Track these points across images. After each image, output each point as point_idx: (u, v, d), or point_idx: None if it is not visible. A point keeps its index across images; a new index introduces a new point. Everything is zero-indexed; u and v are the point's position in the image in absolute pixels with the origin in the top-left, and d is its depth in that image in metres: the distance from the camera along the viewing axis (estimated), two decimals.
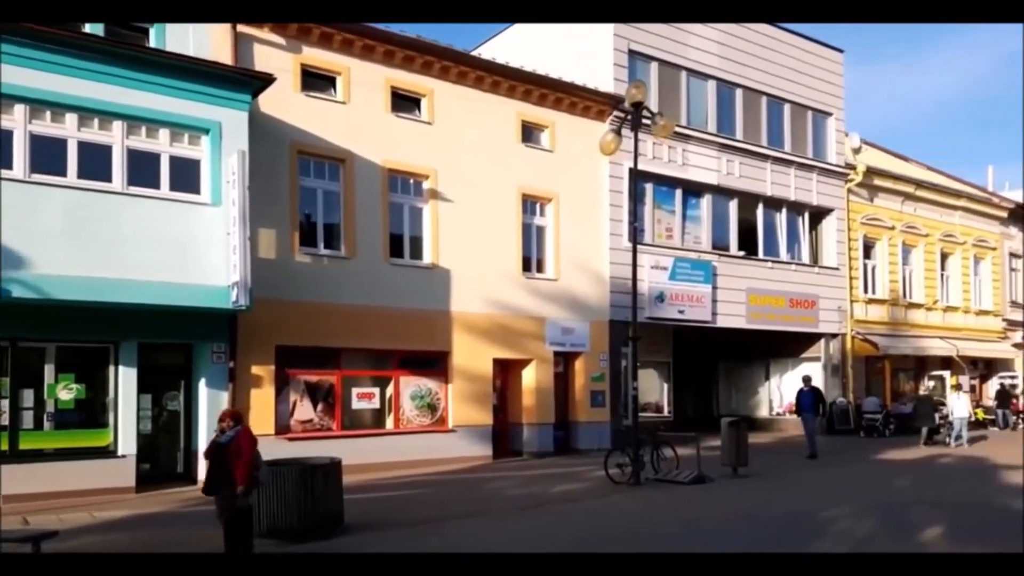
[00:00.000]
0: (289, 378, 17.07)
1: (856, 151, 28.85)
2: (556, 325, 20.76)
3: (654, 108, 22.62)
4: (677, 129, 23.17)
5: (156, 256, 14.33)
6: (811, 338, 27.66)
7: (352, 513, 11.53)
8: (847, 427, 27.04)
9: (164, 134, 14.89)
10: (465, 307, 19.12)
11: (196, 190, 15.17)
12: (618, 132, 17.01)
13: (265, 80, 15.65)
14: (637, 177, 22.31)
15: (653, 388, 26.29)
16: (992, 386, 33.44)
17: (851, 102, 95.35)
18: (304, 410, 17.28)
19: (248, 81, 15.60)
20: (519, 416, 20.65)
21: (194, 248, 14.86)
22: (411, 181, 18.76)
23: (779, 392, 29.11)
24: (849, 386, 28.11)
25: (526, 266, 20.45)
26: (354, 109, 17.79)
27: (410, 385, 18.64)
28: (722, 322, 24.61)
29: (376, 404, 18.24)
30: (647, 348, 25.23)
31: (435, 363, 18.98)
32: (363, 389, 18.08)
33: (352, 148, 17.72)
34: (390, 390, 18.39)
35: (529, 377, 20.47)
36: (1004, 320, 34.43)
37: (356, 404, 17.94)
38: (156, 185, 14.75)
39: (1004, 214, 34.15)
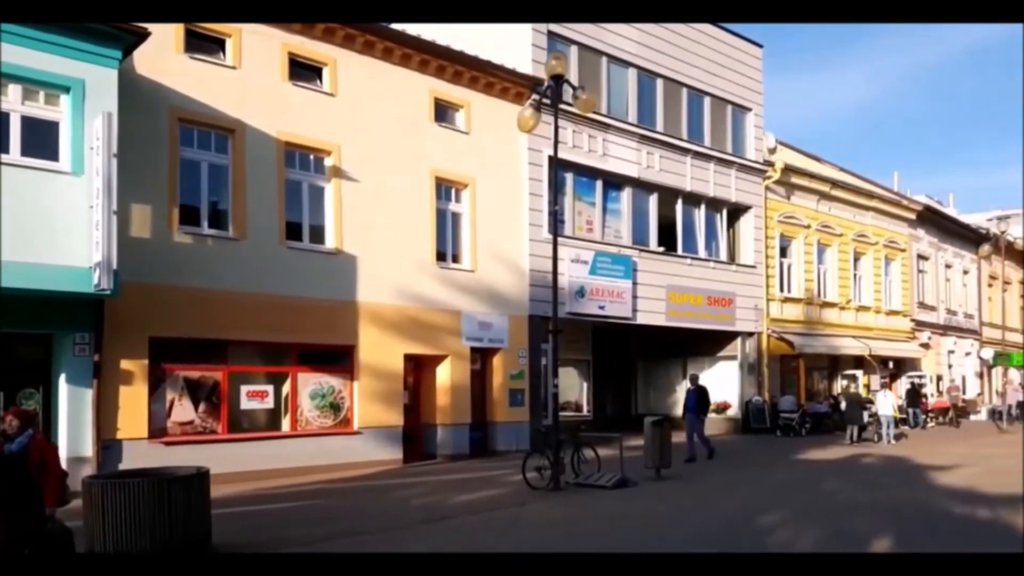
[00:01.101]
0: (166, 374, 14.43)
1: (772, 151, 27.72)
2: (473, 319, 18.62)
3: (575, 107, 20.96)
4: (597, 118, 21.47)
5: (6, 232, 11.69)
6: (728, 336, 26.26)
7: (226, 531, 9.33)
8: (763, 426, 25.76)
9: (15, 91, 12.31)
10: (373, 297, 16.80)
11: (54, 156, 12.59)
12: (537, 108, 15.06)
13: (138, 35, 13.12)
14: (557, 166, 20.52)
15: (573, 386, 24.42)
16: (902, 385, 32.78)
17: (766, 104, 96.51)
18: (183, 410, 14.63)
19: (117, 35, 12.99)
20: (433, 416, 18.35)
21: (52, 223, 12.27)
22: (311, 157, 16.36)
23: None
24: (765, 385, 26.83)
25: (441, 255, 18.23)
26: (245, 75, 15.34)
27: (310, 382, 16.17)
28: (642, 319, 22.90)
29: (270, 404, 15.69)
30: (567, 345, 23.40)
31: (339, 358, 16.56)
32: (254, 387, 15.50)
33: (243, 118, 15.25)
34: (286, 388, 15.89)
35: (444, 374, 18.22)
36: (912, 320, 33.89)
37: (246, 404, 15.35)
38: (4, 149, 12.14)
39: (913, 216, 33.58)
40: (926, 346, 34.38)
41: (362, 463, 16.23)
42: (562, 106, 20.28)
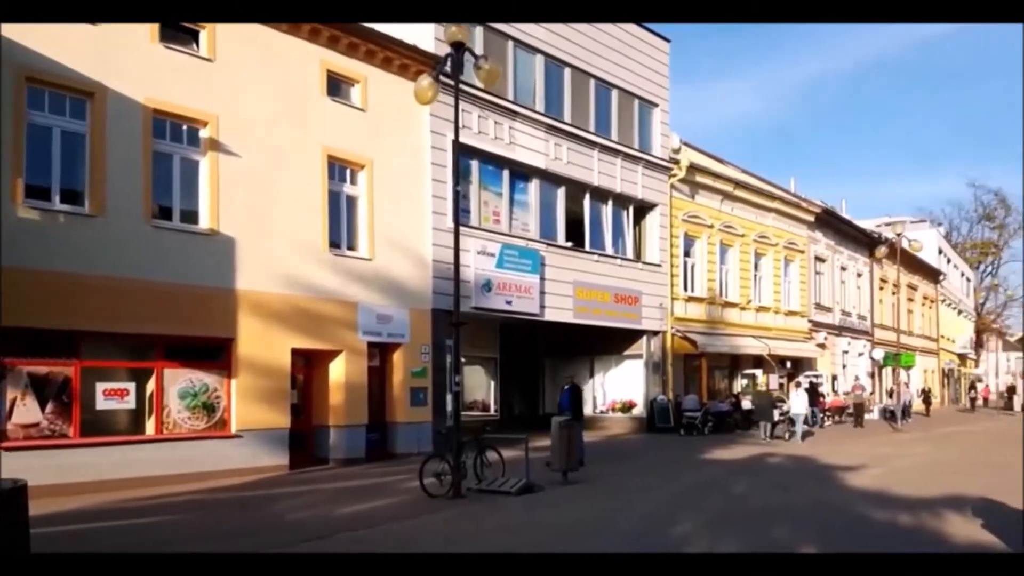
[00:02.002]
0: (6, 369, 11.95)
1: (676, 151, 26.93)
2: (371, 311, 16.77)
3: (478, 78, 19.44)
4: (504, 104, 20.01)
5: None
6: (634, 335, 25.18)
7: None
8: (667, 425, 24.83)
9: None
10: (255, 285, 14.74)
11: None
12: (437, 79, 13.40)
13: None
14: (461, 151, 18.94)
15: (479, 385, 22.85)
16: (800, 385, 32.47)
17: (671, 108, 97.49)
18: (28, 411, 12.19)
19: None
20: (325, 417, 16.36)
21: None
22: (184, 127, 14.20)
23: (603, 389, 26.44)
24: (669, 384, 25.91)
25: (334, 242, 16.30)
26: (107, 33, 13.05)
27: (179, 379, 13.96)
28: (550, 315, 21.53)
29: (131, 404, 13.41)
30: (473, 342, 21.84)
31: (214, 353, 14.45)
32: (113, 384, 13.19)
33: (104, 81, 13.00)
34: (151, 386, 13.66)
35: (338, 371, 16.28)
36: (810, 321, 33.76)
37: (103, 403, 13.02)
38: None
39: (811, 218, 33.42)
40: (822, 346, 34.33)
41: (241, 470, 14.14)
42: (467, 88, 18.91)
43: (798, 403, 22.95)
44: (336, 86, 16.56)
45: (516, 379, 26.44)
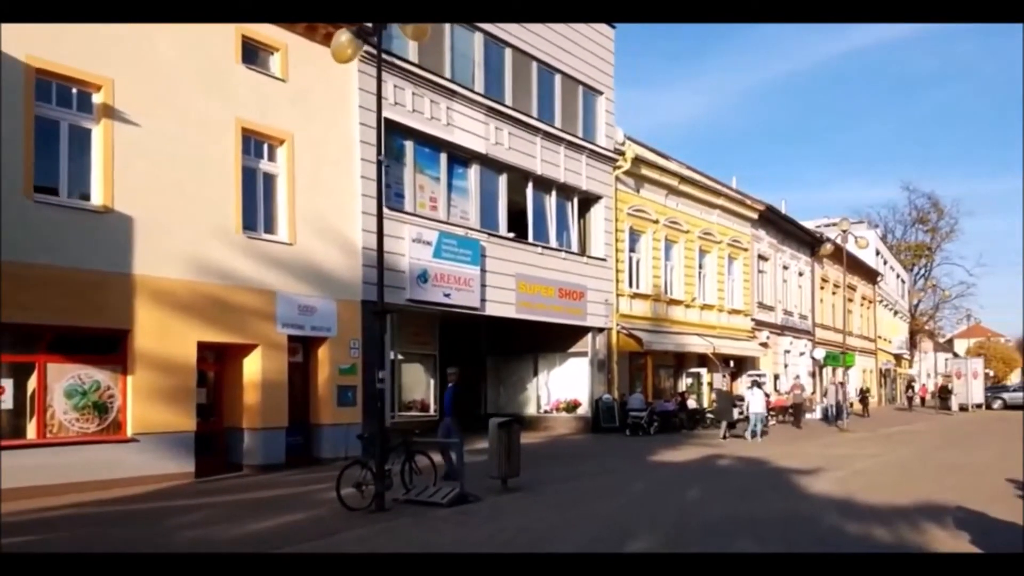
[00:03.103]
0: None
1: (621, 144, 25.78)
2: (291, 302, 15.05)
3: (412, 54, 17.91)
4: (441, 82, 18.48)
5: None
6: (579, 332, 23.89)
7: None
8: (613, 425, 23.63)
9: None
10: (156, 270, 12.92)
11: None
12: (358, 35, 11.79)
13: None
14: (395, 130, 17.44)
15: (418, 383, 21.20)
16: (743, 384, 31.72)
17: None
18: None
19: None
20: (239, 418, 14.57)
21: None
22: (74, 91, 12.32)
23: (547, 388, 25.08)
24: (615, 382, 24.70)
25: (249, 223, 14.52)
26: None
27: (66, 376, 12.06)
28: (491, 310, 20.07)
29: (7, 403, 11.48)
30: (412, 338, 20.27)
31: (107, 346, 12.57)
32: None
33: None
34: (32, 383, 11.76)
35: (254, 367, 14.51)
36: (753, 320, 32.99)
37: None
38: None
39: (755, 216, 32.62)
40: (765, 345, 33.58)
41: (138, 478, 12.32)
42: (399, 61, 17.40)
43: (756, 403, 22.62)
44: (253, 53, 14.80)
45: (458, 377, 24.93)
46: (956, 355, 61.04)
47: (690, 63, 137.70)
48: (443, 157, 18.93)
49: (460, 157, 19.48)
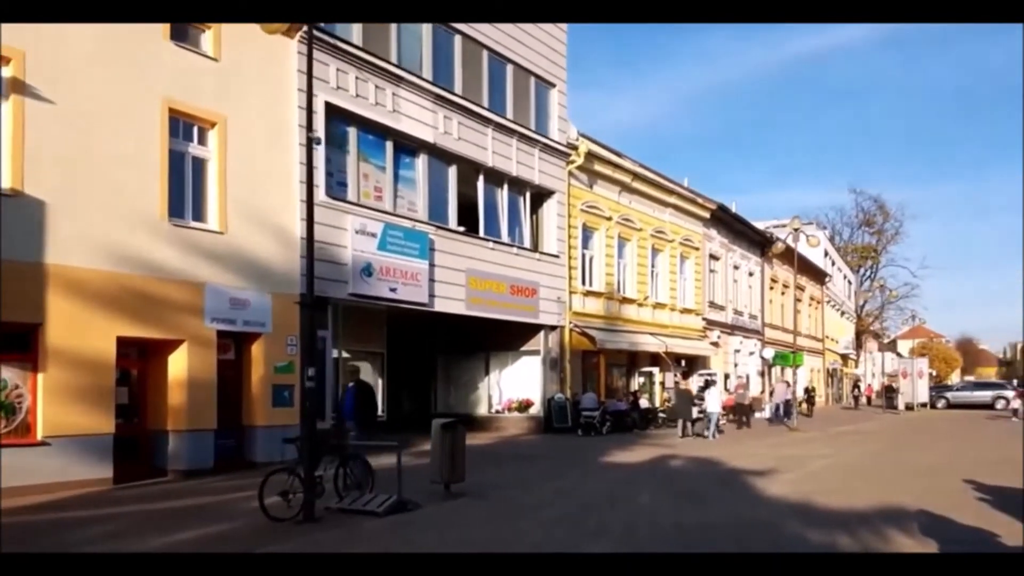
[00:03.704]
0: None
1: (575, 140, 25.12)
2: (222, 295, 13.94)
3: (356, 37, 16.95)
4: (387, 67, 17.54)
5: None
6: (531, 329, 23.16)
7: None
8: (565, 425, 22.93)
9: None
10: (71, 259, 11.75)
11: None
12: None
13: None
14: (336, 116, 16.51)
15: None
16: (695, 383, 31.32)
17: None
18: None
19: None
20: (163, 420, 13.41)
21: None
22: None
23: (499, 388, 24.29)
24: (567, 382, 24.01)
25: (176, 210, 13.39)
26: None
27: None
28: (440, 306, 19.18)
29: None
30: (357, 335, 19.23)
31: (16, 341, 11.34)
32: None
33: None
34: None
35: (179, 365, 13.38)
36: (704, 319, 32.62)
37: None
38: None
39: (707, 215, 32.25)
40: (715, 345, 33.26)
41: (50, 485, 11.17)
42: (343, 44, 16.44)
43: (713, 402, 22.55)
44: (181, 29, 13.63)
45: (406, 376, 24.02)
46: (900, 355, 61.86)
47: (640, 69, 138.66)
48: (389, 145, 17.96)
49: (407, 146, 18.53)
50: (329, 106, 16.00)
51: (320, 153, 15.55)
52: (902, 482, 12.92)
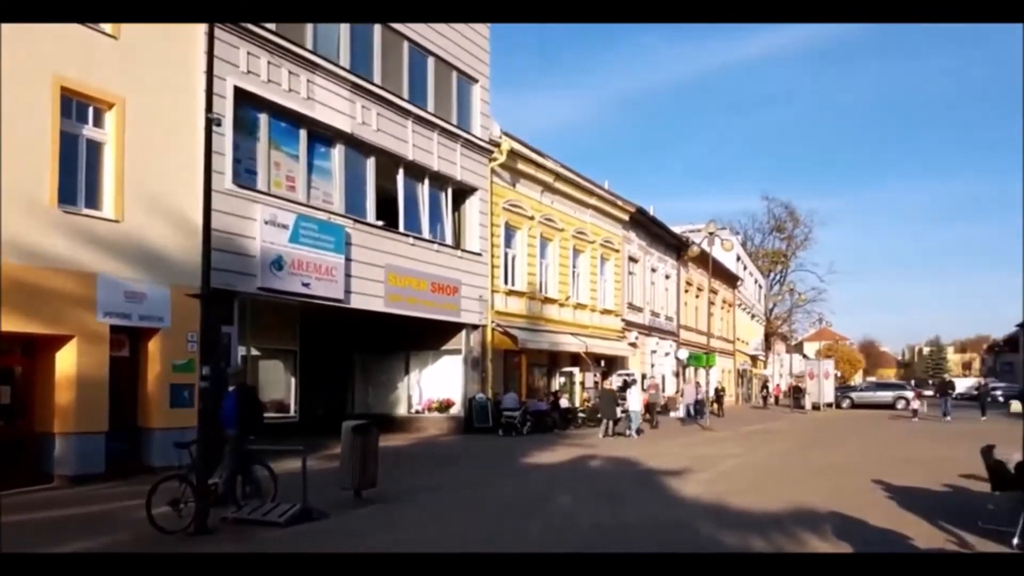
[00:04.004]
0: None
1: (497, 137, 24.69)
2: (116, 287, 12.85)
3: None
4: (301, 52, 16.70)
5: None
6: (452, 328, 22.64)
7: None
8: (486, 425, 22.50)
9: None
10: None
11: None
12: None
13: None
14: (246, 101, 15.62)
15: (276, 382, 19.35)
16: (614, 383, 31.30)
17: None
18: None
19: None
20: (49, 422, 12.27)
21: None
22: None
23: (419, 388, 23.65)
24: (489, 381, 23.56)
25: (67, 196, 12.27)
26: None
27: None
28: (357, 302, 18.41)
29: None
30: (267, 332, 18.39)
31: None
32: None
33: None
34: None
35: (68, 362, 12.27)
36: (623, 320, 32.69)
37: None
38: None
39: (626, 218, 32.33)
40: (634, 345, 33.41)
41: None
42: (254, 28, 15.53)
43: (634, 401, 22.68)
44: None
45: (321, 376, 23.11)
46: (807, 357, 63.82)
47: (563, 73, 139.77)
48: (303, 134, 17.11)
49: (322, 135, 17.72)
50: (239, 90, 15.10)
51: (227, 139, 14.67)
52: (812, 482, 12.93)
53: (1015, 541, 7.69)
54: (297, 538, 8.20)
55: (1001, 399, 46.57)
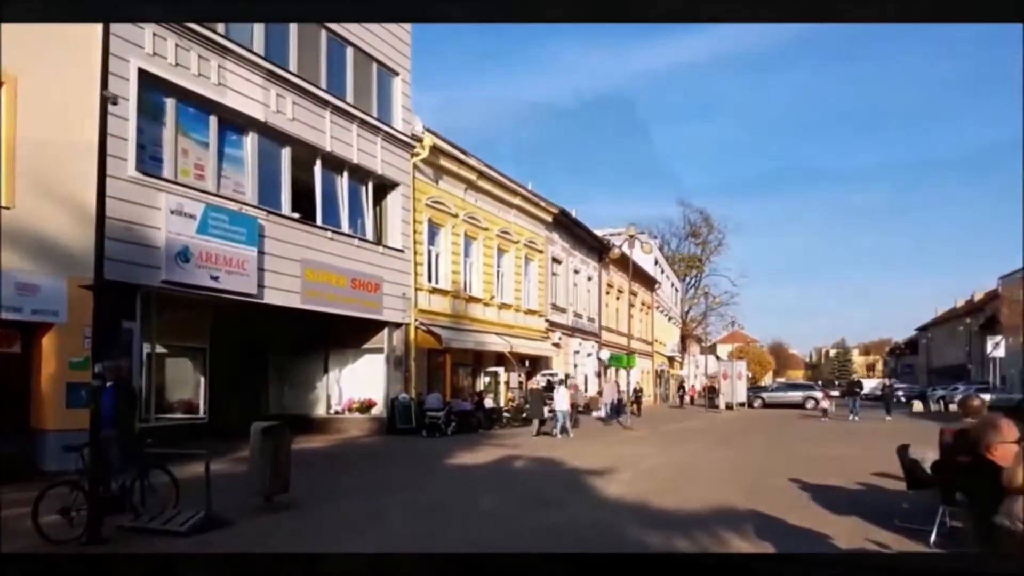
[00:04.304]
0: None
1: (420, 132, 24.15)
2: (7, 278, 11.78)
3: None
4: (211, 36, 15.81)
5: None
6: (374, 326, 21.96)
7: None
8: (409, 426, 21.91)
9: None
10: None
11: None
12: None
13: None
14: (152, 85, 14.66)
15: (183, 381, 18.23)
16: (539, 383, 31.08)
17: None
18: None
19: None
20: None
21: None
22: None
23: (339, 387, 22.85)
24: (412, 381, 22.97)
25: None
26: None
27: None
28: (271, 298, 17.58)
29: None
30: (174, 328, 17.33)
31: None
32: None
33: None
34: None
35: None
36: (547, 321, 32.56)
37: None
38: None
39: (550, 219, 32.21)
40: (557, 346, 33.36)
41: None
42: None
43: (561, 400, 22.42)
44: None
45: (233, 375, 21.99)
46: (720, 358, 65.25)
47: (486, 73, 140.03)
48: (213, 121, 16.22)
49: (234, 123, 16.85)
50: (143, 73, 14.16)
51: (131, 123, 13.72)
52: (730, 480, 12.88)
53: (932, 539, 7.68)
54: (198, 547, 7.52)
55: (903, 399, 48.61)
